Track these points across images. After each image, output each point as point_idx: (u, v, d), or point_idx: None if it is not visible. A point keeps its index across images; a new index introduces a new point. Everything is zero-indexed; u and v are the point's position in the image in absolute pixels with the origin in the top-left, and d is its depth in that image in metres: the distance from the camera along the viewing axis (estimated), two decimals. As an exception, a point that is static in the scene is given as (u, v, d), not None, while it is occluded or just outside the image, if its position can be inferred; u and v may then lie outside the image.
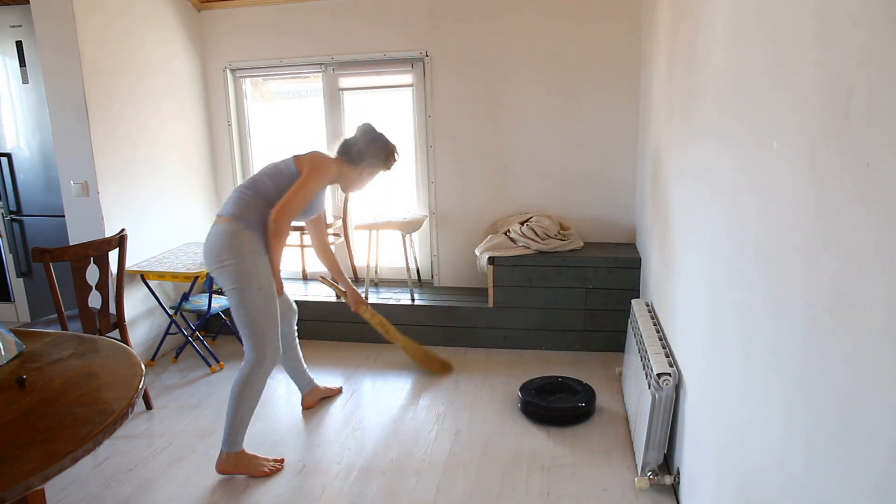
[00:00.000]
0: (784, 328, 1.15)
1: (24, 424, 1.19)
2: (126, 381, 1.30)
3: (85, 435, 1.12)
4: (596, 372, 3.21)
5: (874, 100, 0.83)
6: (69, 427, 1.17)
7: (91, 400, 1.26)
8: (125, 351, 1.48)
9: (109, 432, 1.14)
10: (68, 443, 1.10)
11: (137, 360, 1.41)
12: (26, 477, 1.02)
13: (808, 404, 1.04)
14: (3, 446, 1.12)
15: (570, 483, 2.28)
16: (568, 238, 3.53)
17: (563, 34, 3.60)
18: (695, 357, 1.92)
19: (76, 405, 1.26)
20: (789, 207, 1.14)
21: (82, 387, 1.33)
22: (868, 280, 0.84)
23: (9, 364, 1.46)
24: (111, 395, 1.27)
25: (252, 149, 4.28)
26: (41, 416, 1.20)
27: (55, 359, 1.50)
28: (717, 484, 1.62)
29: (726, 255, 1.57)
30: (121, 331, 2.89)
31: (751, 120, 1.39)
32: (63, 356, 1.51)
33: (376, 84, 4.06)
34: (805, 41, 1.08)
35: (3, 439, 1.14)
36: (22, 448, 1.11)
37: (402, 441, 2.61)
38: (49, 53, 3.08)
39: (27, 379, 1.37)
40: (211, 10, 4.00)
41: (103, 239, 2.72)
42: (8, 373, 1.41)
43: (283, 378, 3.29)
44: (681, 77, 2.26)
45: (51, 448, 1.09)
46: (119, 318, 2.87)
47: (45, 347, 1.59)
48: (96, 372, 1.42)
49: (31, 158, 3.65)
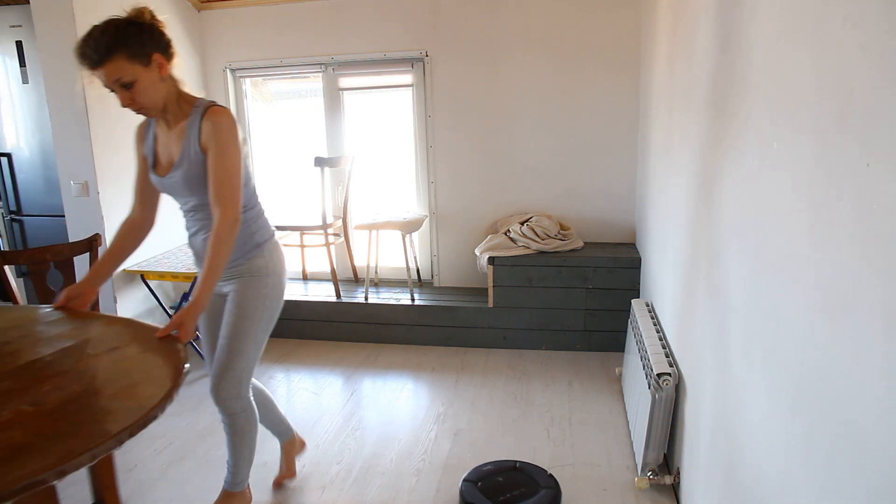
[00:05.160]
0: (784, 328, 1.15)
1: (62, 414, 1.21)
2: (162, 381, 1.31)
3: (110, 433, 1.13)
4: (596, 372, 3.21)
5: (874, 100, 0.83)
6: (99, 422, 1.18)
7: (128, 395, 1.28)
8: (173, 348, 1.49)
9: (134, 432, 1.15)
10: (93, 439, 1.11)
11: (181, 360, 1.42)
12: (43, 472, 1.02)
13: (808, 404, 1.04)
14: (33, 434, 1.14)
15: (570, 483, 2.28)
16: (568, 238, 3.53)
17: (563, 35, 3.60)
18: (695, 357, 1.92)
19: (113, 398, 1.28)
20: (789, 207, 1.14)
21: (123, 380, 1.35)
22: (868, 280, 0.84)
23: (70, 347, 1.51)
24: (148, 391, 1.28)
25: (252, 149, 4.28)
26: (79, 408, 1.22)
27: (112, 347, 1.52)
28: (717, 484, 1.62)
29: (726, 255, 1.57)
30: None
31: (750, 120, 1.39)
32: (119, 345, 1.53)
33: (376, 84, 4.06)
34: (805, 41, 1.08)
35: (36, 427, 1.16)
36: (50, 439, 1.12)
37: (402, 441, 2.61)
38: (49, 53, 3.08)
39: (82, 365, 1.40)
40: (211, 10, 4.00)
41: (65, 244, 2.49)
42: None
43: (283, 378, 3.29)
44: (680, 76, 2.26)
45: (74, 443, 1.09)
46: None
47: (106, 333, 1.62)
48: (142, 366, 1.44)
49: (31, 158, 3.65)
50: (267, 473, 2.39)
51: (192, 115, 1.77)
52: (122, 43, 1.64)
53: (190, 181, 1.78)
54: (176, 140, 1.80)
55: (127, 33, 1.66)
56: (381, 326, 3.69)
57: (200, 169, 1.76)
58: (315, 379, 3.27)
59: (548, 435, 2.61)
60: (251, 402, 1.99)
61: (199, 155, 1.76)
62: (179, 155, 1.78)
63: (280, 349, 3.69)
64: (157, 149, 1.86)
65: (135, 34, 1.68)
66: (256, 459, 2.18)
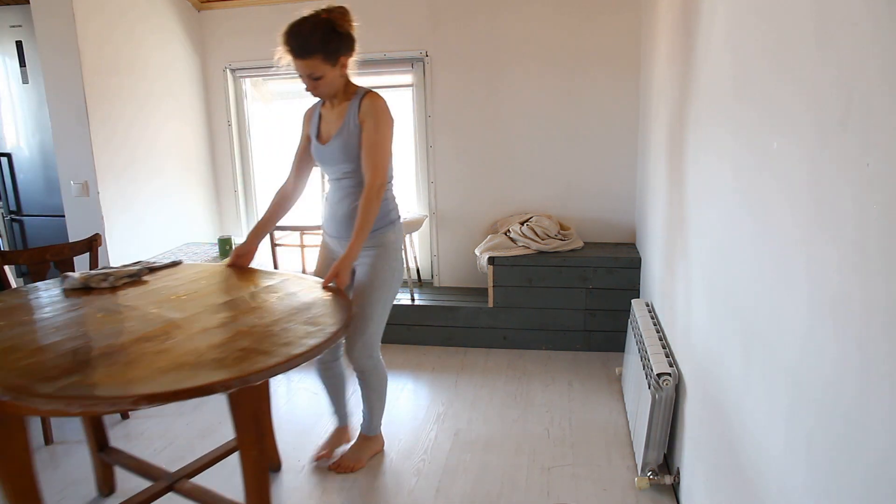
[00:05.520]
0: (784, 328, 1.15)
1: (270, 332, 1.66)
2: (337, 315, 1.79)
3: (310, 345, 1.56)
4: (596, 372, 3.21)
5: (874, 100, 0.83)
6: (302, 338, 1.61)
7: (314, 323, 1.73)
8: (339, 292, 1.99)
9: (324, 348, 1.58)
10: (299, 347, 1.54)
11: (348, 301, 1.90)
12: (273, 367, 1.44)
13: (808, 404, 1.04)
14: (256, 343, 1.57)
15: (570, 483, 2.28)
16: (568, 238, 3.53)
17: (562, 34, 3.60)
18: (695, 357, 1.92)
19: (305, 324, 1.72)
20: (789, 207, 1.14)
21: (308, 313, 1.82)
22: (868, 280, 0.84)
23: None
24: (328, 321, 1.73)
25: (252, 149, 4.28)
26: (282, 329, 1.69)
27: (291, 292, 2.02)
28: (717, 484, 1.62)
29: (726, 255, 1.57)
30: None
31: (750, 120, 1.39)
32: (296, 291, 2.03)
33: (376, 84, 4.05)
34: (805, 41, 1.08)
35: (256, 339, 1.61)
36: (269, 347, 1.54)
37: (402, 441, 2.61)
38: (49, 53, 3.08)
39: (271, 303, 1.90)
40: (211, 10, 4.00)
41: (65, 244, 2.59)
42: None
43: (283, 378, 3.29)
44: (680, 76, 2.26)
45: (288, 349, 1.53)
46: None
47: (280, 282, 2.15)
48: (319, 305, 1.89)
49: (31, 158, 3.65)
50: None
51: (353, 98, 2.14)
52: (322, 47, 2.00)
53: (346, 148, 2.11)
54: (336, 118, 2.16)
55: (328, 39, 2.02)
56: (381, 326, 3.69)
57: (356, 139, 2.10)
58: (315, 379, 3.27)
59: (548, 435, 2.61)
60: (380, 360, 2.31)
61: (356, 127, 2.10)
62: (339, 127, 2.13)
63: (280, 349, 3.69)
64: (320, 126, 2.23)
65: (334, 41, 2.04)
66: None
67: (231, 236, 3.57)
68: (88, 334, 1.66)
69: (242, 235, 4.29)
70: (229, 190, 4.27)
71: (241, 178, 4.28)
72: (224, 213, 4.32)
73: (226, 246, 3.52)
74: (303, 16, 2.03)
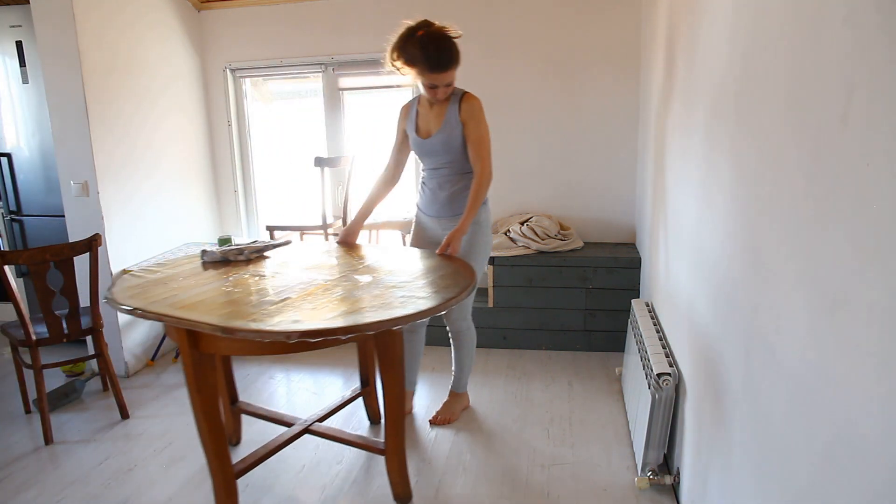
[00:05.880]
0: (784, 328, 1.15)
1: (416, 286, 1.99)
2: (466, 275, 2.10)
3: (450, 295, 1.88)
4: (596, 372, 3.21)
5: (874, 100, 0.83)
6: (445, 287, 1.97)
7: (451, 280, 2.05)
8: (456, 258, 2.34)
9: (461, 299, 1.90)
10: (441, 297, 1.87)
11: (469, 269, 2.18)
12: (419, 312, 1.74)
13: (807, 404, 1.04)
14: (403, 293, 1.90)
15: (570, 483, 2.28)
16: (568, 238, 3.53)
17: (562, 33, 3.60)
18: (695, 357, 1.92)
19: (443, 278, 2.08)
20: (789, 207, 1.14)
21: (441, 271, 2.16)
22: (868, 280, 0.84)
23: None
24: (461, 280, 2.04)
25: (252, 149, 4.28)
26: (426, 283, 2.04)
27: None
28: (717, 484, 1.62)
29: (726, 254, 1.57)
30: (94, 336, 2.84)
31: (749, 119, 1.39)
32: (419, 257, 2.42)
33: (376, 84, 4.06)
34: (805, 40, 1.08)
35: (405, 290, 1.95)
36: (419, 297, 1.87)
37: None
38: (49, 53, 3.08)
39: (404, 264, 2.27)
40: (211, 9, 4.00)
41: (65, 244, 2.62)
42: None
43: (283, 378, 3.29)
44: (680, 76, 2.26)
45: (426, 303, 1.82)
46: (94, 324, 2.81)
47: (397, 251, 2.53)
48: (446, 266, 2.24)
49: (31, 158, 3.65)
50: (267, 473, 2.39)
51: (452, 99, 2.42)
52: (457, 60, 2.33)
53: (447, 143, 2.43)
54: (435, 116, 2.46)
55: (458, 51, 2.33)
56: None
57: (458, 135, 2.42)
58: (315, 379, 3.27)
59: (548, 435, 2.61)
60: (472, 324, 2.67)
61: (458, 125, 2.41)
62: (441, 125, 2.43)
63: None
64: (418, 121, 2.52)
65: (459, 52, 2.34)
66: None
67: (231, 236, 3.57)
68: (261, 291, 1.97)
69: (242, 235, 4.30)
70: (229, 190, 4.27)
71: (240, 178, 4.28)
72: (224, 213, 4.31)
73: (225, 246, 3.51)
74: (430, 31, 2.32)
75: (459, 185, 2.51)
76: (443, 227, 2.57)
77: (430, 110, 2.48)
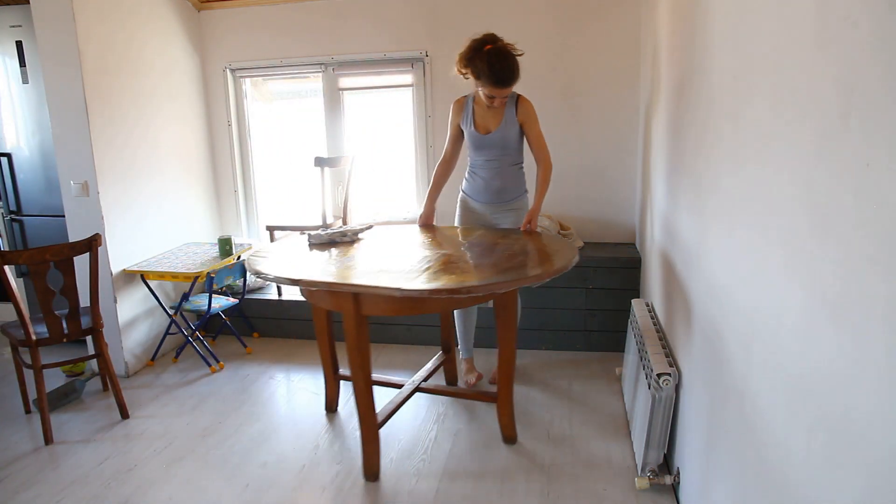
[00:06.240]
0: (784, 327, 1.15)
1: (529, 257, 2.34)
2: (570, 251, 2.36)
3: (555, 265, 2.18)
4: (596, 372, 3.21)
5: (875, 100, 0.83)
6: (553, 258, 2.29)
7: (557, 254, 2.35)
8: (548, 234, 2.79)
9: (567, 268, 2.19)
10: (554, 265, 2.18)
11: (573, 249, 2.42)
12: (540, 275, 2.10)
13: (807, 404, 1.04)
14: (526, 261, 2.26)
15: (569, 483, 2.28)
16: (568, 238, 3.53)
17: (562, 33, 3.60)
18: (695, 357, 1.92)
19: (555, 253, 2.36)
20: (789, 207, 1.14)
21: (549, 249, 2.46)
22: (868, 280, 0.84)
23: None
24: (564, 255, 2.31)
25: (252, 149, 4.28)
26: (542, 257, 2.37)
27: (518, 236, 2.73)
28: (717, 483, 1.62)
29: (725, 254, 1.57)
30: (94, 336, 2.84)
31: (749, 120, 1.39)
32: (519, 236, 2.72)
33: (376, 84, 4.06)
34: (805, 41, 1.08)
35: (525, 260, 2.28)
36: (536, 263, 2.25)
37: (402, 441, 2.61)
38: (49, 53, 3.08)
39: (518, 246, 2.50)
40: (211, 10, 4.00)
41: (65, 244, 2.62)
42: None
43: (284, 378, 3.29)
44: (680, 74, 2.26)
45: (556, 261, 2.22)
46: (95, 324, 2.81)
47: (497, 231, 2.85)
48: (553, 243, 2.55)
49: (31, 158, 3.65)
50: (267, 472, 2.39)
51: (507, 101, 2.72)
52: (518, 77, 2.60)
53: (505, 139, 2.76)
54: (493, 115, 2.76)
55: (519, 69, 2.59)
56: (381, 326, 3.69)
57: (515, 132, 2.76)
58: (315, 379, 3.27)
59: (548, 435, 2.61)
60: (518, 294, 2.78)
61: (516, 124, 2.76)
62: (500, 123, 2.75)
63: (280, 349, 3.69)
64: (475, 118, 2.80)
65: (519, 69, 2.59)
66: (255, 459, 2.27)
67: (231, 236, 3.57)
68: (396, 264, 2.25)
69: (242, 235, 4.30)
70: (229, 190, 4.27)
71: (240, 178, 4.28)
72: (224, 213, 4.31)
73: (226, 246, 3.51)
74: (496, 47, 2.55)
75: (510, 175, 2.83)
76: (492, 212, 2.87)
77: (487, 109, 2.75)
